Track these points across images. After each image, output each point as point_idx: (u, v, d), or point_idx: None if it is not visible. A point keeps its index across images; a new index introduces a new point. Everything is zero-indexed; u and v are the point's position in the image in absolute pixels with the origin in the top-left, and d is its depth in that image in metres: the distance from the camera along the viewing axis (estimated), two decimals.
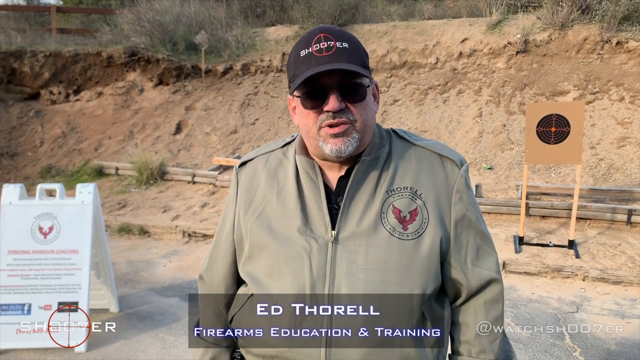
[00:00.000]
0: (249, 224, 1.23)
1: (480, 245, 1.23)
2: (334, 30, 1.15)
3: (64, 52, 9.53)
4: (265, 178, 1.27)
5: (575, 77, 8.22)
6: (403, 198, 1.17)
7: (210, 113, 9.24)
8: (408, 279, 1.13)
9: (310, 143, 1.19)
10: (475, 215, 1.22)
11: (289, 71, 1.19)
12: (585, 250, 5.16)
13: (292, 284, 1.14)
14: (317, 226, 1.17)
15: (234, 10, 11.16)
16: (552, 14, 8.71)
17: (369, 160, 1.20)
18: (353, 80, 1.14)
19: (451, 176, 1.21)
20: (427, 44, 9.45)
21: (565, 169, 6.95)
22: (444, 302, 1.23)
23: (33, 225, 3.67)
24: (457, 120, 8.34)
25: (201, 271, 1.39)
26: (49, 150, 8.78)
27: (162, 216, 6.65)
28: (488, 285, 1.22)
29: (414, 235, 1.15)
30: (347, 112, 1.14)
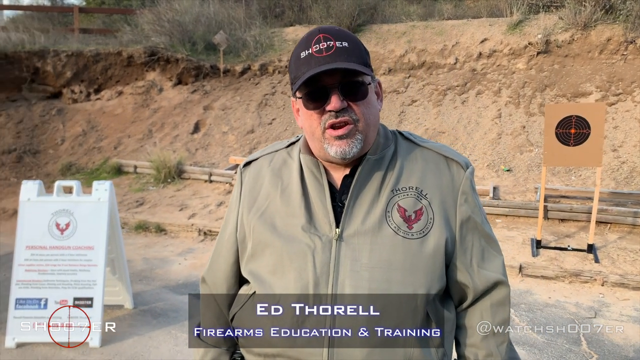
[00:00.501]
0: (253, 222, 1.23)
1: (486, 247, 1.22)
2: (333, 30, 1.15)
3: (85, 52, 9.68)
4: (269, 177, 1.27)
5: (598, 79, 8.06)
6: (408, 197, 1.17)
7: (228, 113, 9.29)
8: (412, 277, 1.12)
9: (315, 145, 1.19)
10: (480, 218, 1.21)
11: (291, 73, 1.20)
12: (604, 255, 5.06)
13: (296, 282, 1.14)
14: (321, 224, 1.17)
15: (253, 11, 11.21)
16: (575, 14, 8.56)
17: (374, 159, 1.19)
18: (354, 79, 1.13)
19: (457, 178, 1.21)
20: (446, 44, 9.36)
21: (586, 172, 6.82)
22: (448, 305, 1.22)
23: (50, 222, 3.73)
24: (476, 121, 8.25)
25: (203, 273, 1.38)
26: (70, 148, 8.93)
27: (178, 214, 6.71)
28: (494, 287, 1.21)
29: (419, 234, 1.14)
30: (350, 111, 1.14)
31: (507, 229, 5.80)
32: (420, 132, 8.21)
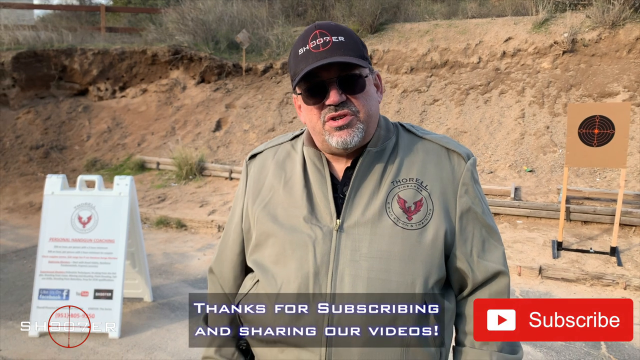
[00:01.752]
0: (257, 213, 1.26)
1: (486, 238, 1.23)
2: (330, 26, 1.17)
3: (111, 50, 9.86)
4: (273, 169, 1.30)
5: (626, 78, 7.88)
6: (408, 189, 1.19)
7: (250, 111, 9.37)
8: (411, 267, 1.14)
9: (317, 138, 1.22)
10: (481, 208, 1.22)
11: (290, 70, 1.22)
12: (628, 258, 4.95)
13: (297, 271, 1.16)
14: (322, 215, 1.19)
15: (276, 9, 11.27)
16: (603, 12, 8.38)
17: (375, 151, 1.22)
18: (351, 72, 1.15)
19: (457, 169, 1.22)
20: (469, 43, 9.27)
21: (611, 173, 6.68)
22: (448, 295, 1.23)
23: (73, 215, 3.82)
24: (499, 121, 8.14)
25: (211, 264, 1.41)
26: (95, 145, 9.11)
27: (199, 210, 6.79)
28: (494, 277, 1.22)
29: (418, 225, 1.16)
30: (349, 104, 1.16)
31: (528, 230, 5.72)
32: (442, 132, 8.14)
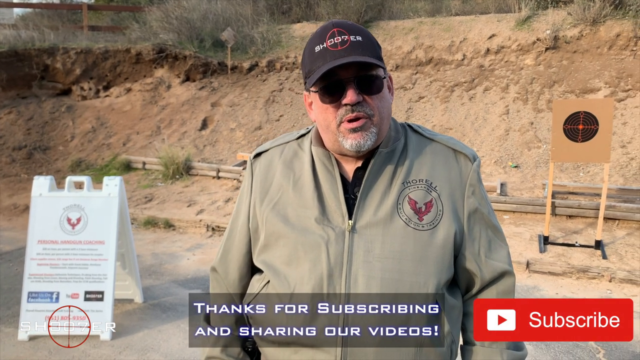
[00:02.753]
0: (265, 213, 1.25)
1: (492, 238, 1.25)
2: (347, 24, 1.16)
3: (94, 49, 9.75)
4: (281, 169, 1.29)
5: (607, 74, 8.02)
6: (419, 190, 1.20)
7: (236, 109, 9.33)
8: (423, 268, 1.15)
9: (329, 138, 1.21)
10: (487, 209, 1.24)
11: (304, 67, 1.21)
12: (612, 251, 5.05)
13: (310, 272, 1.16)
14: (334, 216, 1.19)
15: (260, 7, 11.23)
16: (584, 10, 8.52)
17: (385, 152, 1.22)
18: (369, 73, 1.15)
19: (465, 170, 1.24)
20: (453, 41, 9.35)
21: (595, 168, 6.80)
22: (456, 294, 1.25)
23: (62, 216, 3.78)
24: (484, 117, 8.23)
25: (213, 263, 1.40)
26: (79, 145, 9.01)
27: (187, 210, 6.76)
28: (501, 277, 1.24)
29: (429, 226, 1.17)
30: (365, 105, 1.16)
31: (515, 225, 5.80)
32: None
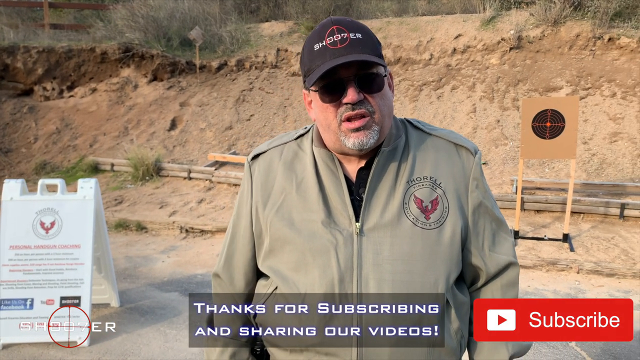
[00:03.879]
0: (269, 217, 1.22)
1: (496, 231, 1.26)
2: (346, 22, 1.14)
3: (57, 48, 9.47)
4: (282, 171, 1.25)
5: (568, 73, 8.31)
6: (424, 188, 1.19)
7: (205, 109, 9.24)
8: (433, 267, 1.15)
9: (330, 137, 1.19)
10: (490, 202, 1.25)
11: (303, 66, 1.18)
12: (579, 244, 5.25)
13: (321, 278, 1.14)
14: (340, 219, 1.17)
15: (228, 6, 11.14)
16: (545, 11, 8.79)
17: (388, 151, 1.20)
18: (370, 71, 1.14)
19: (467, 164, 1.23)
20: (421, 40, 9.49)
21: (559, 164, 7.04)
22: (463, 289, 1.26)
23: (35, 221, 3.68)
24: (451, 116, 8.40)
25: (216, 269, 1.36)
26: (44, 147, 8.74)
27: (159, 212, 6.66)
28: (506, 269, 1.26)
29: (436, 224, 1.17)
30: (366, 104, 1.14)
31: None
32: None
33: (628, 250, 5.08)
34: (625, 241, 5.29)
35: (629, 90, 7.77)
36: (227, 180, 7.37)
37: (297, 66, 9.66)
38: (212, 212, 6.61)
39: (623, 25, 8.34)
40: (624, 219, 5.70)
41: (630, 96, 7.70)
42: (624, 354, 3.42)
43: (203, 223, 6.17)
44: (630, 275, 4.60)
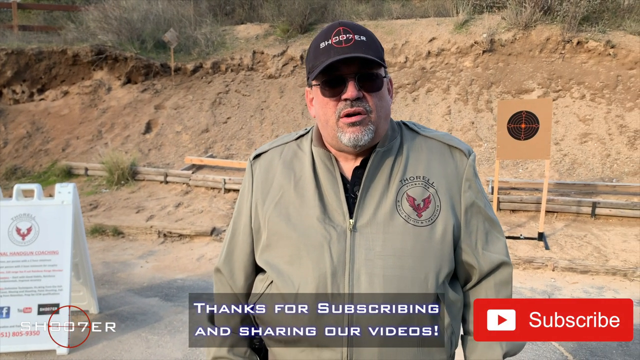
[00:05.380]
0: (268, 213, 1.27)
1: (489, 230, 1.29)
2: (353, 25, 1.20)
3: (27, 50, 9.24)
4: (281, 169, 1.31)
5: (539, 76, 8.51)
6: (416, 187, 1.23)
7: (181, 112, 9.14)
8: (423, 263, 1.19)
9: (328, 133, 1.23)
10: (483, 202, 1.29)
11: (308, 63, 1.24)
12: (554, 242, 5.38)
13: (314, 271, 1.18)
14: (335, 215, 1.22)
15: (203, 8, 11.06)
16: (516, 14, 8.99)
17: (382, 151, 1.25)
18: (370, 70, 1.19)
19: (460, 165, 1.28)
20: (396, 44, 9.60)
21: (532, 164, 7.20)
22: (456, 287, 1.29)
23: (10, 227, 3.59)
24: (427, 118, 8.52)
25: (217, 264, 1.40)
26: (14, 151, 8.52)
27: (136, 217, 6.56)
28: (498, 268, 1.29)
29: (427, 222, 1.21)
30: (364, 102, 1.19)
31: None
32: None
33: (600, 248, 5.23)
34: (597, 239, 5.44)
35: (597, 92, 8.01)
36: (205, 184, 7.31)
37: (273, 69, 9.65)
38: (190, 216, 6.55)
39: (591, 29, 8.59)
40: (596, 217, 5.87)
41: (598, 98, 7.94)
42: (599, 348, 3.53)
43: (181, 227, 6.11)
44: (603, 271, 4.74)
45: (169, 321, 4.00)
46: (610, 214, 5.83)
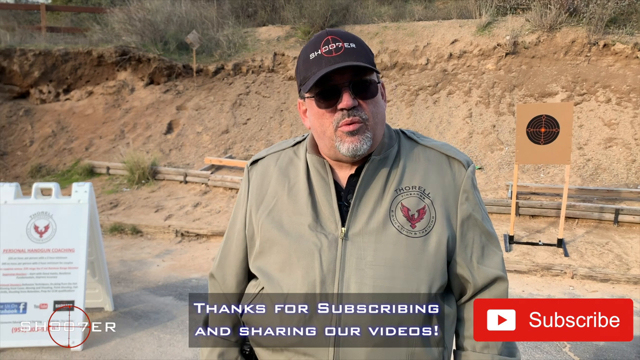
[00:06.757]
0: (261, 220, 1.26)
1: (486, 244, 1.26)
2: (341, 33, 1.19)
3: (54, 51, 9.47)
4: (276, 176, 1.30)
5: (563, 79, 8.35)
6: (412, 197, 1.21)
7: (202, 113, 9.24)
8: (415, 275, 1.16)
9: (325, 143, 1.21)
10: (481, 215, 1.25)
11: (299, 75, 1.22)
12: (573, 249, 5.26)
13: (303, 279, 1.17)
14: (327, 223, 1.20)
15: (225, 10, 11.16)
16: (541, 16, 8.84)
17: (378, 159, 1.23)
18: (364, 78, 1.17)
19: (458, 177, 1.24)
20: (417, 45, 9.53)
21: (554, 169, 7.06)
22: (449, 300, 1.26)
23: (28, 224, 3.67)
24: (448, 120, 8.43)
25: (211, 270, 1.40)
26: (39, 150, 8.73)
27: (154, 216, 6.65)
28: (493, 282, 1.25)
29: (421, 233, 1.18)
30: (360, 110, 1.17)
31: None
32: None
33: (622, 256, 5.10)
34: (619, 246, 5.30)
35: (624, 96, 7.81)
36: (223, 184, 7.37)
37: (294, 70, 9.67)
38: (208, 216, 6.61)
39: (618, 31, 8.39)
40: (618, 224, 5.72)
41: (625, 102, 7.74)
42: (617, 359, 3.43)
43: (198, 227, 6.17)
44: (624, 280, 4.62)
45: (182, 320, 4.04)
46: (634, 221, 5.68)
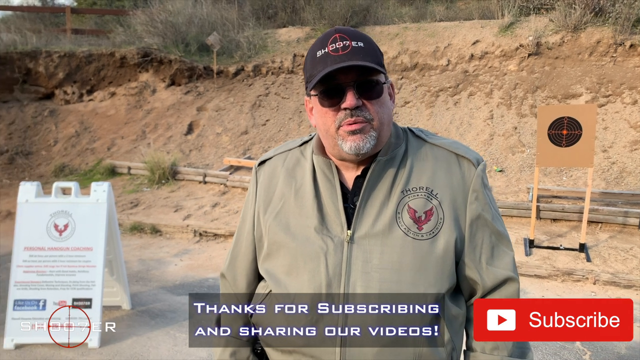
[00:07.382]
0: (268, 222, 1.25)
1: (496, 244, 1.22)
2: (349, 31, 1.17)
3: (78, 53, 9.64)
4: (283, 177, 1.29)
5: (588, 80, 8.17)
6: (418, 198, 1.18)
7: (222, 114, 9.31)
8: (422, 278, 1.14)
9: (329, 142, 1.20)
10: (491, 215, 1.22)
11: (306, 72, 1.21)
12: (596, 254, 5.14)
13: (309, 282, 1.16)
14: (333, 226, 1.19)
15: (246, 12, 11.23)
16: (565, 16, 8.67)
17: (384, 160, 1.21)
18: (369, 78, 1.15)
19: (467, 176, 1.21)
20: (438, 46, 9.44)
21: (577, 172, 6.92)
22: (459, 301, 1.24)
23: (49, 223, 3.74)
24: (468, 122, 8.33)
25: (222, 269, 1.40)
26: (63, 150, 8.89)
27: (173, 215, 6.71)
28: (504, 283, 1.22)
29: (428, 235, 1.16)
30: (364, 110, 1.15)
31: None
32: None
33: None
34: None
35: None
36: (242, 185, 7.41)
37: None
38: (226, 216, 6.64)
39: None
40: None
41: None
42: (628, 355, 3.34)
43: (216, 227, 6.21)
44: None
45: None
46: None
